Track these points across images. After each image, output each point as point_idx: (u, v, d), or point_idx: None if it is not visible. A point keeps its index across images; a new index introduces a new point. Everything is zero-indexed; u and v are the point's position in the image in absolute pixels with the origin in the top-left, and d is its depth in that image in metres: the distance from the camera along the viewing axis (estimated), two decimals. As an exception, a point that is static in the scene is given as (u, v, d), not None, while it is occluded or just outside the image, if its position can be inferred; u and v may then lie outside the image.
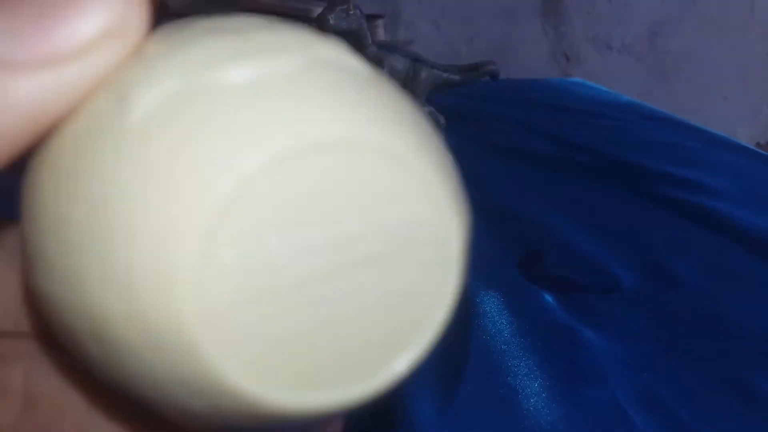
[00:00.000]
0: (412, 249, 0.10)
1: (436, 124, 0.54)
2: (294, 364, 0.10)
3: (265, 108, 0.09)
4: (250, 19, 0.11)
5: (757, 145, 1.09)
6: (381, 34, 0.67)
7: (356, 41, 0.49)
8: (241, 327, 0.09)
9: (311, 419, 0.10)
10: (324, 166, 0.09)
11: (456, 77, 0.54)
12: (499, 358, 0.30)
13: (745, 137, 1.09)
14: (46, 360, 0.15)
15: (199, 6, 0.69)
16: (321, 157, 0.09)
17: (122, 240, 0.09)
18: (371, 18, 0.65)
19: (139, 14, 0.10)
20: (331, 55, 0.10)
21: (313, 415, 0.10)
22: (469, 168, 0.47)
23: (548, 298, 0.35)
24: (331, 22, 0.47)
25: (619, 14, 1.03)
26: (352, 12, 0.48)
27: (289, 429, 0.11)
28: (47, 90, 0.09)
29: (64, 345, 0.11)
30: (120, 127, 0.09)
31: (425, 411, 0.26)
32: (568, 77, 1.01)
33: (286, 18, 0.65)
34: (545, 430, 0.25)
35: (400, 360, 0.10)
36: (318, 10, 0.62)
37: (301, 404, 0.10)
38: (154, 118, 0.09)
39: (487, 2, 0.99)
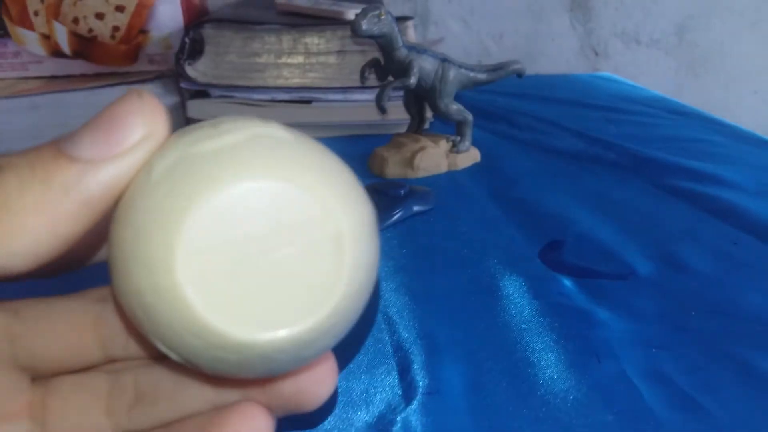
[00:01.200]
0: (316, 239, 0.16)
1: (465, 120, 0.56)
2: (247, 312, 0.16)
3: (220, 164, 0.16)
4: (228, 117, 0.18)
5: (788, 137, 1.09)
6: (411, 34, 0.70)
7: (387, 44, 0.52)
8: (214, 287, 0.15)
9: (262, 356, 0.16)
10: (255, 195, 0.16)
11: (483, 76, 0.57)
12: (519, 336, 0.33)
13: (775, 130, 1.09)
14: (145, 368, 0.22)
15: (239, 10, 0.72)
16: (253, 190, 0.16)
17: (148, 243, 0.16)
18: (401, 20, 0.68)
19: (163, 126, 0.17)
20: (267, 131, 0.17)
21: (263, 349, 0.16)
22: (496, 163, 0.51)
23: (567, 282, 0.38)
24: (364, 27, 0.50)
25: (648, 8, 1.04)
26: (383, 17, 0.50)
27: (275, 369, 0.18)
28: (115, 173, 0.16)
29: (131, 321, 0.18)
30: (147, 184, 0.16)
31: (453, 381, 0.30)
32: (596, 72, 1.02)
33: (318, 20, 0.68)
34: (558, 398, 0.28)
35: (314, 316, 0.16)
36: (348, 12, 0.65)
37: (251, 338, 0.16)
38: (162, 176, 0.16)
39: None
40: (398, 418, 0.27)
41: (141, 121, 0.17)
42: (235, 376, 0.18)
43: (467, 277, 0.39)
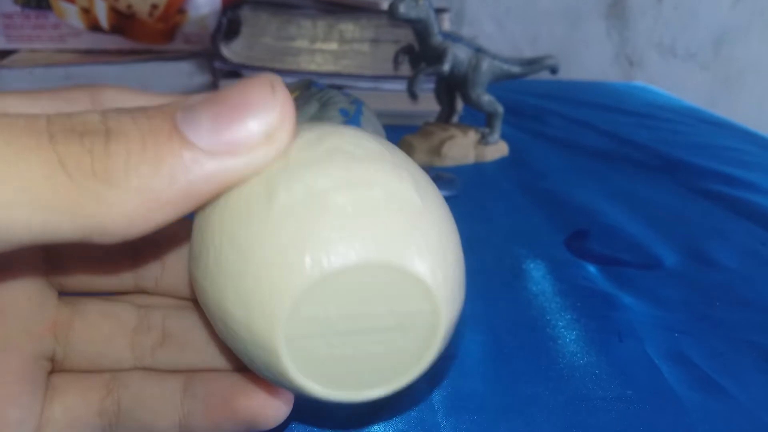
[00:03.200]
0: (412, 326, 0.16)
1: (495, 112, 0.56)
2: (325, 375, 0.16)
3: (349, 225, 0.15)
4: (363, 143, 0.17)
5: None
6: (446, 27, 0.70)
7: (423, 29, 0.52)
8: (304, 348, 0.16)
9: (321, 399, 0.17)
10: (368, 274, 0.15)
11: (516, 69, 0.57)
12: (540, 314, 0.32)
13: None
14: (176, 310, 0.22)
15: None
16: (367, 268, 0.15)
17: (252, 280, 0.15)
18: (438, 11, 0.68)
19: (288, 130, 0.15)
20: (402, 190, 0.16)
21: (326, 397, 0.17)
22: (524, 157, 0.51)
23: (591, 269, 0.38)
24: (401, 10, 0.50)
25: (686, 21, 1.03)
26: (421, 2, 0.51)
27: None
28: (226, 171, 0.15)
29: (205, 311, 0.17)
30: (266, 209, 0.15)
31: (475, 354, 0.29)
32: (630, 81, 1.02)
33: (354, 10, 0.68)
34: (578, 371, 0.28)
35: (394, 384, 0.17)
36: (383, 2, 0.66)
37: (322, 394, 0.17)
38: (285, 212, 0.15)
39: (552, 3, 1.01)
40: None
41: (268, 119, 0.15)
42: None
43: (490, 259, 0.39)
